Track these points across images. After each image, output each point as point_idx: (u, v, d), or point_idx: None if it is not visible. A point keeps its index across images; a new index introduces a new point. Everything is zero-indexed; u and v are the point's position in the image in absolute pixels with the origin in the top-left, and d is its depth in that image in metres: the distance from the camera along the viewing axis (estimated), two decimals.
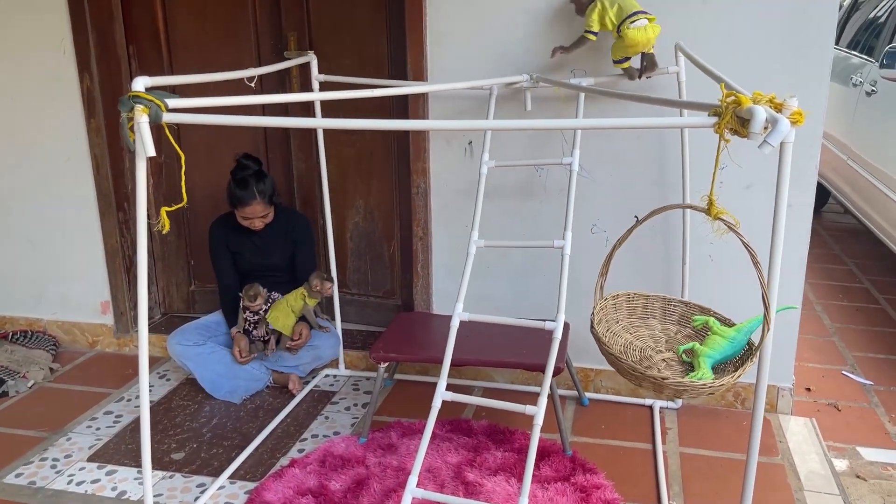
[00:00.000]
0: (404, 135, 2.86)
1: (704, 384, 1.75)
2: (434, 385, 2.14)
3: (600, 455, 2.45)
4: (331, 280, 2.92)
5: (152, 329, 3.33)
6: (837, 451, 2.54)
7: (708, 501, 2.23)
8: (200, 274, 3.42)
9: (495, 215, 2.77)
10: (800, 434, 2.59)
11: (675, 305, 2.06)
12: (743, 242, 1.70)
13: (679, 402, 2.74)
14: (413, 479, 1.97)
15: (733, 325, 2.01)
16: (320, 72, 2.77)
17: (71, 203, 3.21)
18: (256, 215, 2.85)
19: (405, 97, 2.75)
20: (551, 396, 2.41)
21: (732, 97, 1.30)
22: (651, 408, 2.74)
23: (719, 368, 1.96)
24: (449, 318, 2.22)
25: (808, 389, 2.97)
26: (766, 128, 1.26)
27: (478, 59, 2.63)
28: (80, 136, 3.11)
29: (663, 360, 1.87)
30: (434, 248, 2.87)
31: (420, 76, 2.69)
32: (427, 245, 2.87)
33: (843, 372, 3.12)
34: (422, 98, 2.73)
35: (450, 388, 2.80)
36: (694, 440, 2.55)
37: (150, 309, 3.42)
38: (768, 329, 1.60)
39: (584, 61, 2.54)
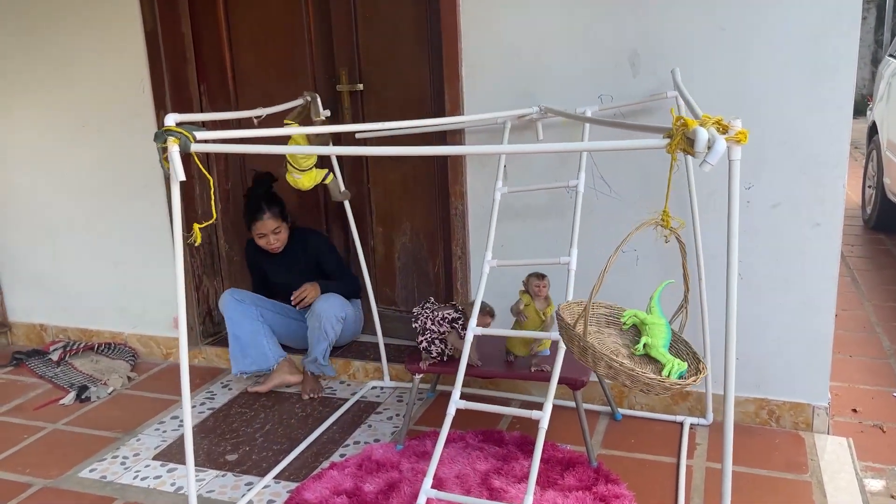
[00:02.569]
0: (444, 160, 3.03)
1: (694, 378, 1.81)
2: (473, 397, 2.28)
3: (626, 467, 2.52)
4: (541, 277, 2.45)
5: (216, 343, 3.61)
6: (875, 471, 2.51)
7: None
8: None
9: (525, 234, 2.89)
10: (834, 453, 2.58)
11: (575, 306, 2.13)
12: (677, 238, 1.80)
13: (710, 418, 2.76)
14: (428, 481, 2.11)
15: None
16: (367, 103, 3.00)
17: (147, 226, 3.54)
18: (269, 230, 3.15)
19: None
20: (577, 409, 2.51)
21: (681, 120, 1.40)
22: (682, 424, 2.78)
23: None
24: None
25: (855, 410, 2.93)
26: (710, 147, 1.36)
27: (510, 89, 2.78)
28: (156, 165, 3.43)
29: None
30: (472, 266, 3.02)
31: (456, 106, 2.86)
32: (465, 264, 3.02)
33: (895, 394, 3.06)
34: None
35: (487, 400, 2.96)
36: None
37: (218, 324, 3.70)
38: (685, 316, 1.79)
39: (611, 87, 2.66)
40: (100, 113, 3.49)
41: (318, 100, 2.90)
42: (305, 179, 3.00)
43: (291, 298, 3.22)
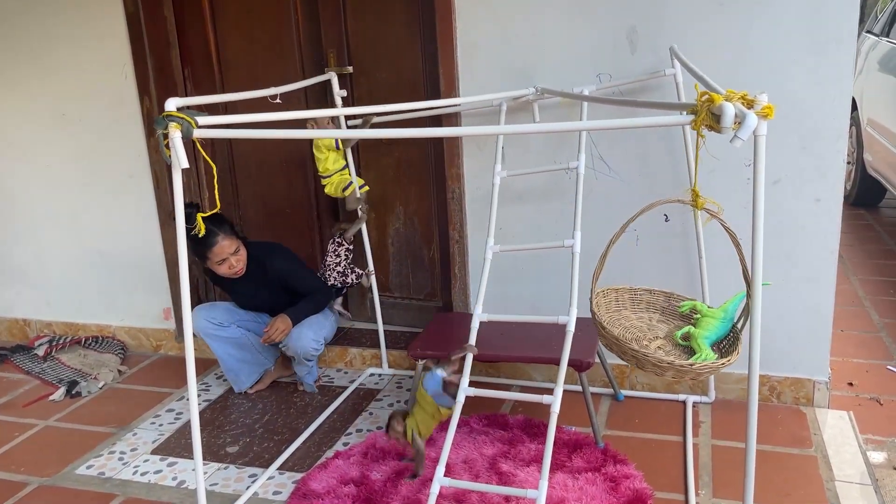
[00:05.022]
0: (439, 143, 2.99)
1: (715, 364, 1.82)
2: (475, 383, 2.25)
3: (632, 447, 2.52)
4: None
5: None
6: (876, 443, 2.54)
7: (736, 490, 2.27)
8: None
9: (524, 216, 2.86)
10: (836, 427, 2.60)
11: (640, 294, 2.13)
12: (724, 227, 1.78)
13: (712, 395, 2.77)
14: (440, 470, 2.08)
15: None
16: (358, 86, 2.94)
17: (135, 216, 3.45)
18: (228, 252, 2.84)
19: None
20: (583, 391, 2.50)
21: (706, 96, 1.38)
22: (684, 403, 2.78)
23: (715, 348, 2.02)
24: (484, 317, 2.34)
25: (851, 384, 2.96)
26: (737, 123, 1.34)
27: (508, 69, 2.74)
28: (142, 154, 3.35)
29: (658, 347, 1.94)
30: (470, 250, 2.99)
31: (451, 87, 2.81)
32: (463, 248, 2.98)
33: (889, 367, 3.09)
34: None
35: (489, 385, 2.94)
36: (727, 433, 2.59)
37: None
38: (748, 312, 1.72)
39: (610, 65, 2.63)
40: (80, 101, 3.38)
41: (335, 79, 2.85)
42: (328, 187, 2.97)
43: (261, 340, 2.97)
